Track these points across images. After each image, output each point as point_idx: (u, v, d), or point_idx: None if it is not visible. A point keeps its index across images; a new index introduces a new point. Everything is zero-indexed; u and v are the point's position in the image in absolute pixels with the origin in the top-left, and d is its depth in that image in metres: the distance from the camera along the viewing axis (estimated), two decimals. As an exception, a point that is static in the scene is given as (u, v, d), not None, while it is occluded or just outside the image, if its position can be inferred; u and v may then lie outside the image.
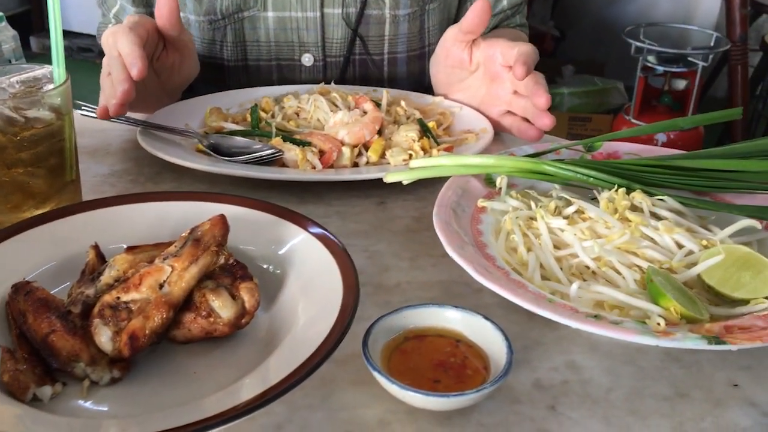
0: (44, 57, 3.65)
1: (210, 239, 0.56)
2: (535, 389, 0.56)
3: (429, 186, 0.83)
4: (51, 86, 0.72)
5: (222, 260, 0.57)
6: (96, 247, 0.60)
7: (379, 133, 0.89)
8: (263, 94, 0.99)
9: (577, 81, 3.33)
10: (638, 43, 2.64)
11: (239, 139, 0.87)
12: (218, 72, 1.10)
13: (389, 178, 0.76)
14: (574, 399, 0.55)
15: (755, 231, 0.67)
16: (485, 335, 0.57)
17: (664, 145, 2.57)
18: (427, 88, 1.12)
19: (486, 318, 0.57)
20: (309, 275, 0.61)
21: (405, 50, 1.13)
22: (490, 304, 0.65)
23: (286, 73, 1.11)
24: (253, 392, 0.49)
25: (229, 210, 0.64)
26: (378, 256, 0.73)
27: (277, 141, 0.85)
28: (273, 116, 0.93)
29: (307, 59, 1.09)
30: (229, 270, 0.57)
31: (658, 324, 0.55)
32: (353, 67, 1.12)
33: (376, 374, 0.52)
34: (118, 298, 0.53)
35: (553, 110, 0.83)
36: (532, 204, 0.72)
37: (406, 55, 1.14)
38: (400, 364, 0.55)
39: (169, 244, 0.58)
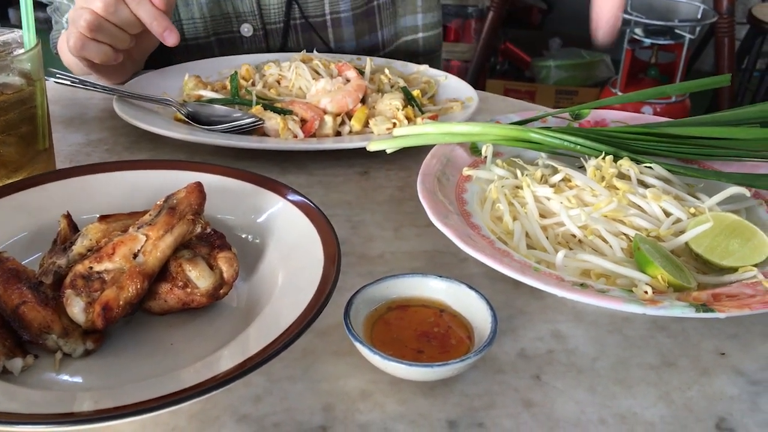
0: (22, 29, 3.57)
1: (186, 207, 0.54)
2: (519, 359, 0.55)
3: (413, 155, 0.81)
4: (21, 51, 0.69)
5: (199, 229, 0.55)
6: (68, 217, 0.58)
7: (363, 101, 0.87)
8: (243, 61, 0.96)
9: (564, 54, 3.31)
10: (625, 15, 2.62)
11: (219, 108, 0.84)
12: (160, 54, 1.07)
13: (372, 147, 0.74)
14: (559, 368, 0.54)
15: (744, 199, 0.66)
16: (470, 305, 0.55)
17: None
18: (377, 47, 1.08)
19: (470, 287, 0.56)
20: (289, 245, 0.59)
21: (349, 8, 1.08)
22: (475, 274, 0.64)
23: (227, 47, 1.07)
24: (231, 363, 0.48)
25: (208, 179, 0.62)
26: (362, 226, 0.72)
27: (257, 109, 0.83)
28: (253, 84, 0.90)
29: (246, 29, 1.06)
30: (207, 239, 0.56)
31: (645, 292, 0.54)
32: (295, 32, 1.08)
33: (358, 345, 0.51)
34: (91, 268, 0.52)
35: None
36: (518, 172, 0.71)
37: (351, 14, 1.09)
38: (382, 334, 0.54)
39: (144, 213, 0.56)
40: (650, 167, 0.68)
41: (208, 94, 0.88)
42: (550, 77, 3.26)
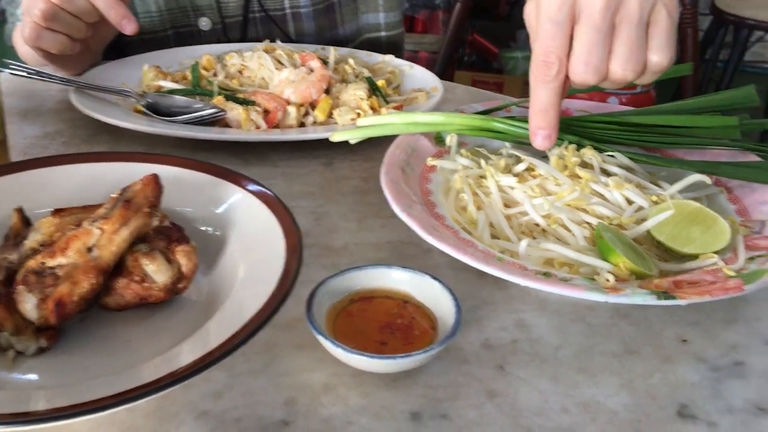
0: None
1: (142, 200, 0.53)
2: (483, 349, 0.55)
3: (378, 146, 0.81)
4: (-31, 40, 0.67)
5: (156, 222, 0.54)
6: (20, 210, 0.57)
7: (327, 91, 0.86)
8: (205, 51, 0.95)
9: (532, 45, 3.33)
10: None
11: (179, 99, 0.83)
12: (117, 50, 1.04)
13: (335, 137, 0.73)
14: (523, 358, 0.54)
15: (705, 186, 0.66)
16: (433, 295, 0.55)
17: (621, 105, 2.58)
18: (339, 43, 1.07)
19: (434, 278, 0.55)
20: (250, 237, 0.58)
21: (309, 4, 1.07)
22: (439, 264, 0.63)
23: (185, 41, 1.05)
24: (190, 358, 0.47)
25: (167, 171, 0.61)
26: (325, 217, 0.71)
27: (219, 100, 0.81)
28: (215, 75, 0.89)
29: (204, 23, 1.04)
30: (164, 233, 0.55)
31: (607, 280, 0.54)
32: (254, 26, 1.06)
33: (320, 337, 0.50)
34: (43, 263, 0.50)
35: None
36: (482, 162, 0.70)
37: (312, 9, 1.07)
38: (345, 326, 0.54)
39: (99, 206, 0.55)
40: (613, 156, 0.68)
41: (169, 84, 0.87)
42: (518, 68, 3.27)
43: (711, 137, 0.71)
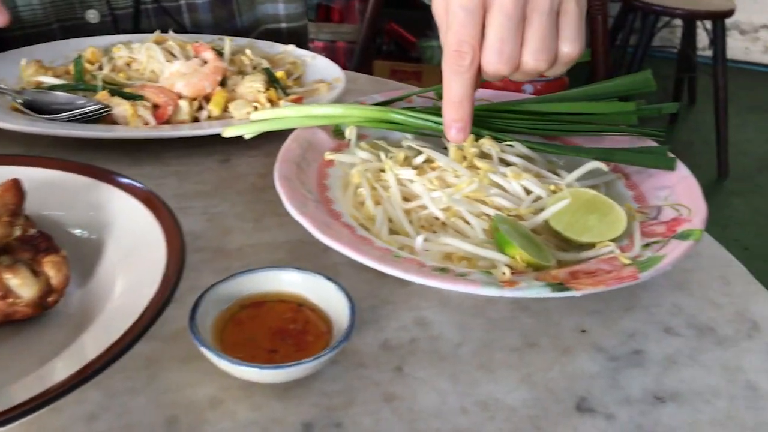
0: None
1: (0, 209, 0.48)
2: (382, 350, 0.53)
3: (277, 141, 0.77)
4: None
5: (18, 232, 0.49)
6: None
7: (222, 84, 0.82)
8: (91, 44, 0.89)
9: (449, 33, 3.34)
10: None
11: (60, 95, 0.77)
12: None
13: (228, 133, 0.69)
14: (422, 357, 0.52)
15: (602, 173, 0.66)
16: (328, 297, 0.52)
17: (532, 95, 2.62)
18: (238, 35, 1.03)
19: (329, 278, 0.53)
20: (130, 242, 0.54)
21: None
22: (339, 263, 0.61)
23: (72, 34, 0.98)
24: (59, 377, 0.43)
25: (37, 174, 0.56)
26: (219, 218, 0.67)
27: (103, 95, 0.76)
28: (101, 68, 0.83)
29: (92, 16, 0.98)
30: (30, 242, 0.50)
31: (504, 273, 0.53)
32: (147, 18, 1.01)
33: (203, 349, 0.47)
34: None
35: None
36: (382, 155, 0.68)
37: (208, 0, 1.03)
38: (234, 335, 0.50)
39: (-46, 216, 0.50)
40: (511, 145, 0.67)
41: (49, 80, 0.81)
42: (435, 57, 3.28)
43: (608, 123, 0.71)
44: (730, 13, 2.88)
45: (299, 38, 1.13)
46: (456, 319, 0.56)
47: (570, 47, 0.56)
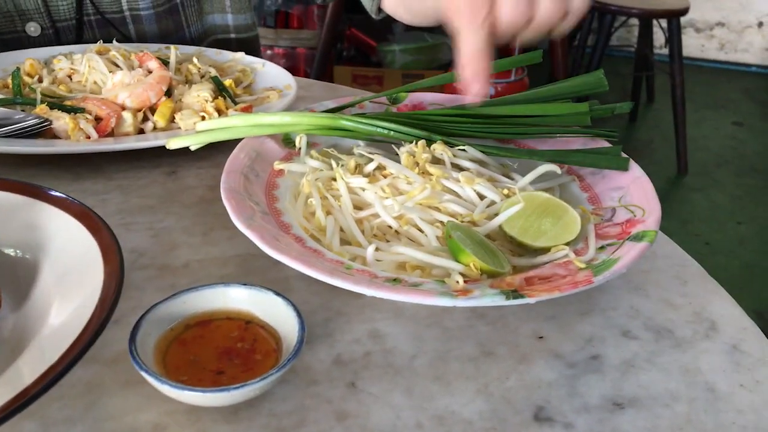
0: None
1: None
2: (335, 366, 0.51)
3: (226, 151, 0.75)
4: None
5: (-58, 256, 0.46)
6: None
7: (168, 94, 0.79)
8: (30, 55, 0.86)
9: (408, 37, 3.33)
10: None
11: (-3, 109, 0.74)
12: None
13: (172, 144, 0.67)
14: (376, 372, 0.50)
15: (556, 176, 0.65)
16: (277, 313, 0.50)
17: (492, 97, 2.63)
18: (186, 45, 1.01)
19: (277, 294, 0.51)
20: (67, 262, 0.52)
21: (149, 6, 1.00)
22: (291, 276, 0.59)
23: (12, 48, 0.95)
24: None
25: (-34, 193, 0.53)
26: (165, 233, 0.65)
27: (42, 109, 0.73)
28: (40, 80, 0.80)
29: (32, 29, 0.94)
30: (-43, 267, 0.47)
31: (457, 282, 0.51)
32: (90, 30, 0.98)
33: (143, 373, 0.45)
34: None
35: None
36: (333, 163, 0.66)
37: (153, 12, 1.00)
38: (178, 357, 0.48)
39: None
40: (464, 150, 0.65)
41: (-15, 94, 0.78)
42: (396, 62, 3.27)
43: (561, 125, 0.70)
44: (684, 11, 2.92)
45: (250, 49, 1.11)
46: (410, 330, 0.54)
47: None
